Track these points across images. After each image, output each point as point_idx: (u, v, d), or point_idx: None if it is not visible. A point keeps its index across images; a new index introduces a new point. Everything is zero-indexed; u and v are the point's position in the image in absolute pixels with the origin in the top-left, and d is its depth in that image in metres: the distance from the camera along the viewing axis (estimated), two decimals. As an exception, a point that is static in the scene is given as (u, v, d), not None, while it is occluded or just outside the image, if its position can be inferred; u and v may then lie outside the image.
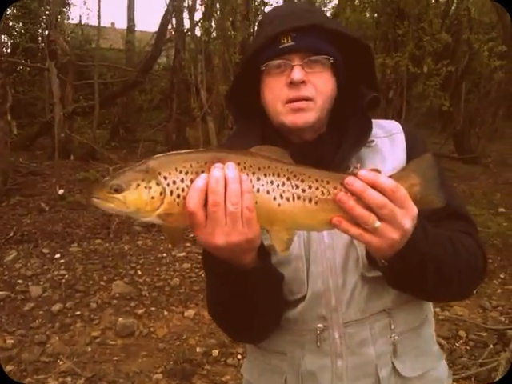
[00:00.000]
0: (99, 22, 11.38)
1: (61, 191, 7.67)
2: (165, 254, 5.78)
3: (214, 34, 9.22)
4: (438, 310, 4.43)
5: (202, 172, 0.89)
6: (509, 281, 5.23)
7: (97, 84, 10.62)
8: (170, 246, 5.86)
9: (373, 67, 1.29)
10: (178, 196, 0.89)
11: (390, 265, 1.00)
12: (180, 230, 0.96)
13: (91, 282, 4.94)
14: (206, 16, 8.79)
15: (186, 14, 10.47)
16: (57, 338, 3.98)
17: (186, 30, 11.42)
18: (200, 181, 0.87)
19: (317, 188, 0.92)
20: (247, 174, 0.90)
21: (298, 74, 1.14)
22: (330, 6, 14.79)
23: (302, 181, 0.92)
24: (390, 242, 0.91)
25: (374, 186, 0.88)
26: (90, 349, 3.80)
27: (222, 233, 0.89)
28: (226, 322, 1.22)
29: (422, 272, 1.03)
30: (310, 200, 0.92)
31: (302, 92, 1.15)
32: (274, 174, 0.91)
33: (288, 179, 0.92)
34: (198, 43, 8.41)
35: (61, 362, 3.63)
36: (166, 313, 4.42)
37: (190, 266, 5.47)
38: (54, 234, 6.15)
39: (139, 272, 5.28)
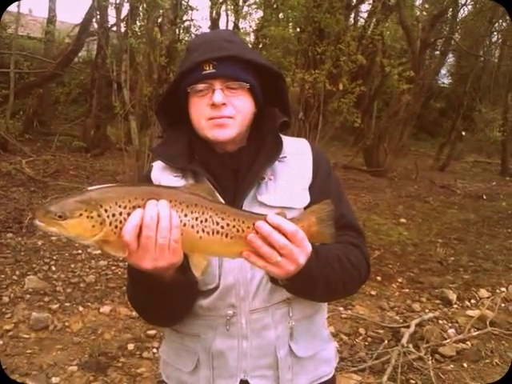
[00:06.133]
0: (19, 9, 10.85)
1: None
2: (80, 251, 5.69)
3: (139, 32, 9.19)
4: (341, 309, 4.76)
5: (139, 207, 1.02)
6: (405, 285, 5.68)
7: (13, 73, 10.16)
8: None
9: (285, 93, 1.47)
10: (116, 227, 1.02)
11: (287, 284, 1.21)
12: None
13: (3, 275, 4.80)
14: (133, 16, 8.75)
15: (110, 11, 10.37)
16: (-34, 331, 3.86)
17: (110, 26, 11.25)
18: (136, 217, 1.01)
19: (233, 226, 1.08)
20: (177, 211, 1.04)
21: (218, 96, 1.30)
22: (255, 16, 15.09)
23: (222, 219, 1.08)
24: (286, 272, 1.11)
25: (278, 229, 1.06)
26: (1, 342, 3.72)
27: (150, 259, 1.05)
28: (141, 310, 1.41)
29: (313, 288, 1.25)
30: (227, 235, 1.08)
31: (222, 112, 1.31)
32: (199, 212, 1.06)
33: (210, 217, 1.07)
34: (123, 42, 8.34)
35: (-30, 356, 3.54)
36: (81, 308, 4.38)
37: (107, 263, 5.43)
38: (-38, 226, 5.90)
39: (53, 268, 5.18)
